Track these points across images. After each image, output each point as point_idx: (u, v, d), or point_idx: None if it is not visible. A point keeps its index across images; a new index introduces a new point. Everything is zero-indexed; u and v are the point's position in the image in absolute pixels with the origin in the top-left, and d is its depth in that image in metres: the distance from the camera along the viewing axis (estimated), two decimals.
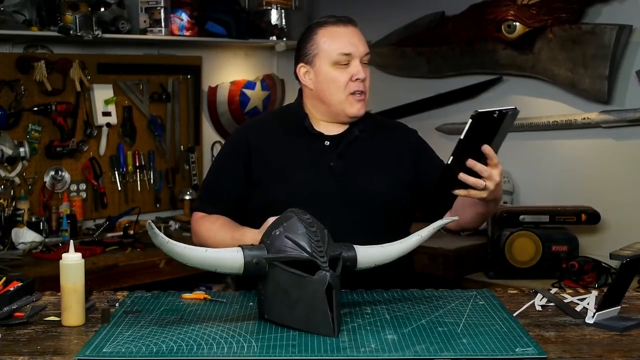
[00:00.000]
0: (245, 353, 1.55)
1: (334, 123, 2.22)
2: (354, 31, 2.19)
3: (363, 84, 2.16)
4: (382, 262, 1.87)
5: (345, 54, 2.15)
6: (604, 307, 1.75)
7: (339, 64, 2.15)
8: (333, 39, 2.17)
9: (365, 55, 2.17)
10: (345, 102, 2.16)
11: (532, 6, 3.66)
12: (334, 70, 2.15)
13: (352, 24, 2.21)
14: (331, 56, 2.15)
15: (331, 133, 2.21)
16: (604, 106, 3.59)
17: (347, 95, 2.15)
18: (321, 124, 2.22)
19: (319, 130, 2.21)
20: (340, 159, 2.17)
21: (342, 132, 2.22)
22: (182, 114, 4.31)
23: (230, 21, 4.18)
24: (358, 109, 2.17)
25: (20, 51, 3.71)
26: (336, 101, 2.17)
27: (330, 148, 2.19)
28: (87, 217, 3.90)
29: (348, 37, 2.17)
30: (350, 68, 2.15)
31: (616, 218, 3.58)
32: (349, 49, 2.15)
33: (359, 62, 2.15)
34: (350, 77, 2.15)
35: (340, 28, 2.19)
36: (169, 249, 1.70)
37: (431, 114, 4.27)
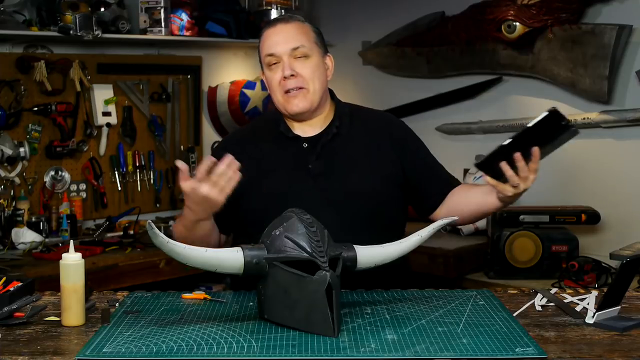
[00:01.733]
0: (245, 353, 1.55)
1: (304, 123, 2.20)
2: (280, 29, 2.18)
3: (295, 80, 2.13)
4: (383, 262, 1.87)
5: (269, 55, 2.16)
6: (604, 307, 1.75)
7: (270, 64, 2.17)
8: (263, 42, 2.20)
9: (293, 51, 2.13)
10: (284, 100, 2.16)
11: (532, 6, 3.66)
12: (268, 72, 2.18)
13: (282, 22, 2.20)
14: (264, 60, 2.19)
15: (308, 134, 2.19)
16: (604, 106, 3.59)
17: (282, 95, 2.15)
18: (296, 126, 2.21)
19: (295, 133, 2.19)
20: (319, 160, 2.15)
21: (319, 132, 2.20)
22: (182, 114, 4.31)
23: (230, 21, 4.18)
24: (296, 104, 2.14)
25: (20, 51, 3.71)
26: (278, 102, 2.18)
27: (308, 150, 2.17)
28: (87, 217, 3.90)
29: (272, 37, 2.17)
30: (279, 68, 2.15)
31: (616, 218, 3.58)
32: (272, 49, 2.16)
33: (288, 59, 2.13)
34: (280, 77, 2.14)
35: (270, 30, 2.20)
36: (169, 249, 1.70)
37: (431, 114, 4.27)
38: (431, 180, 2.27)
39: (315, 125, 2.20)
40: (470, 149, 4.08)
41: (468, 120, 4.10)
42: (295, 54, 2.14)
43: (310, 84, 2.15)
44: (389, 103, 4.42)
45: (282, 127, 2.19)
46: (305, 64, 2.15)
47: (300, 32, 2.18)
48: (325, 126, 2.20)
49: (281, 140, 2.19)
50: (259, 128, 2.28)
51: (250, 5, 4.47)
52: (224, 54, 4.52)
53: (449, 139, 4.20)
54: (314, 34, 2.20)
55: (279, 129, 2.19)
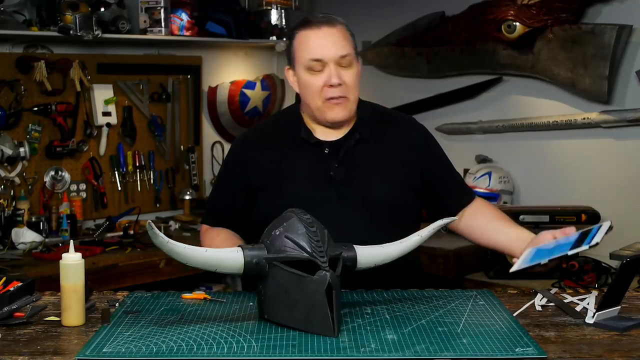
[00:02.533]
0: (245, 353, 1.55)
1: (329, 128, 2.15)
2: (327, 33, 2.07)
3: (340, 89, 2.06)
4: (382, 262, 1.87)
5: (315, 60, 2.06)
6: (604, 307, 1.75)
7: (312, 69, 2.07)
8: (304, 44, 2.08)
9: (342, 58, 2.06)
10: (323, 107, 2.09)
11: (532, 6, 3.66)
12: (309, 75, 2.08)
13: (327, 25, 2.08)
14: (304, 62, 2.08)
15: (330, 139, 2.14)
16: (604, 106, 3.59)
17: (324, 101, 2.08)
18: (319, 129, 2.15)
19: (317, 138, 2.14)
20: (340, 167, 2.11)
21: (341, 137, 2.15)
22: (182, 114, 4.31)
23: (230, 21, 4.18)
24: (336, 113, 2.09)
25: (20, 51, 3.71)
26: (314, 107, 2.10)
27: (329, 155, 2.13)
28: (87, 217, 3.90)
29: (319, 40, 2.07)
30: (323, 74, 2.06)
31: (616, 218, 3.57)
32: (319, 54, 2.06)
33: (335, 66, 2.05)
34: (324, 83, 2.06)
35: (313, 31, 2.08)
36: (169, 249, 1.70)
37: (431, 114, 4.27)
38: (449, 191, 2.24)
39: (337, 130, 2.15)
40: (470, 149, 4.08)
41: (468, 120, 4.10)
42: (342, 62, 2.07)
43: (351, 93, 2.09)
44: (389, 103, 4.40)
45: (304, 133, 2.14)
46: (349, 73, 2.08)
47: (345, 38, 2.09)
48: (347, 130, 2.16)
49: (302, 145, 2.14)
50: (280, 129, 2.20)
51: (250, 5, 4.47)
52: (224, 54, 4.52)
53: (449, 139, 4.20)
54: (353, 40, 2.12)
55: (301, 134, 2.14)
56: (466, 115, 4.12)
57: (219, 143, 4.52)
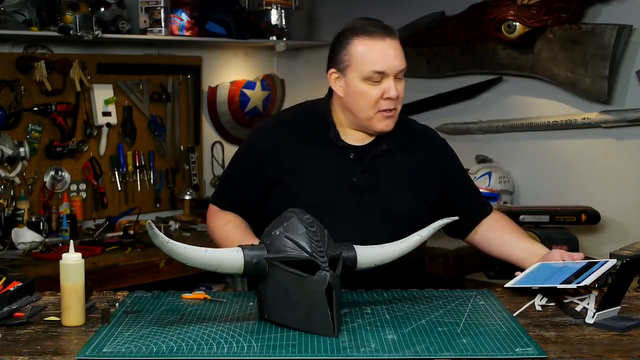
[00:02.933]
0: (245, 353, 1.55)
1: (360, 132, 2.14)
2: (390, 45, 2.05)
3: (396, 102, 2.06)
4: (382, 262, 1.87)
5: (378, 72, 2.03)
6: (604, 307, 1.75)
7: (371, 80, 2.04)
8: (367, 53, 2.04)
9: (401, 71, 2.06)
10: (374, 118, 2.07)
11: (532, 6, 3.66)
12: (365, 85, 2.05)
13: (390, 36, 2.06)
14: (363, 72, 2.04)
15: (357, 144, 2.14)
16: (604, 106, 3.59)
17: (376, 112, 2.07)
18: (348, 132, 2.14)
19: (344, 141, 2.13)
20: (363, 174, 2.11)
21: (367, 143, 2.14)
22: (182, 114, 4.31)
23: (230, 21, 4.18)
24: (386, 125, 2.09)
25: (20, 51, 3.71)
26: (364, 116, 2.08)
27: (354, 161, 2.12)
28: (87, 217, 3.90)
29: (383, 52, 2.04)
30: (382, 85, 2.04)
31: (616, 218, 3.58)
32: (383, 66, 2.03)
33: (393, 79, 2.04)
34: (381, 95, 2.04)
35: (377, 42, 2.04)
36: (169, 249, 1.70)
37: (431, 114, 4.27)
38: (467, 205, 2.25)
39: (365, 136, 2.15)
40: (470, 149, 4.08)
41: (468, 120, 4.10)
42: (399, 74, 2.07)
43: (400, 104, 2.10)
44: None
45: (332, 134, 2.13)
46: (402, 85, 2.09)
47: (402, 49, 2.09)
48: (373, 138, 2.15)
49: (329, 146, 2.12)
50: (307, 125, 2.17)
51: (250, 5, 4.47)
52: (224, 54, 4.52)
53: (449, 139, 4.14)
54: None
55: (329, 135, 2.12)
56: (466, 115, 4.12)
57: (219, 143, 4.52)
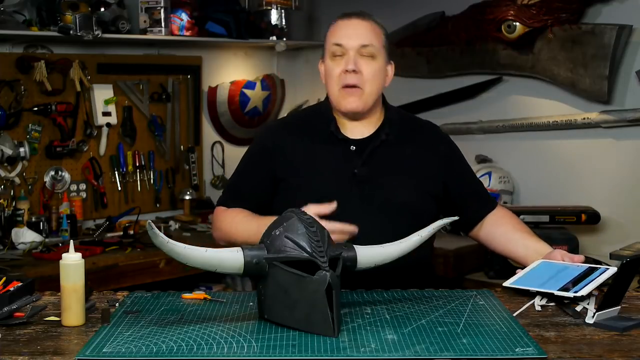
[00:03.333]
0: (245, 353, 1.55)
1: (356, 123, 2.18)
2: (356, 23, 2.16)
3: (357, 77, 2.12)
4: (382, 262, 1.87)
5: (336, 44, 2.13)
6: (604, 307, 1.75)
7: (334, 55, 2.14)
8: (333, 31, 2.17)
9: (362, 48, 2.13)
10: (339, 95, 2.14)
11: (532, 6, 3.66)
12: (331, 62, 2.15)
13: (358, 17, 2.18)
14: (329, 46, 2.16)
15: (357, 137, 2.18)
16: (604, 106, 3.59)
17: (339, 89, 2.13)
18: (347, 126, 2.19)
19: (345, 135, 2.18)
20: (365, 166, 2.14)
21: (368, 135, 2.18)
22: (182, 114, 4.31)
23: (230, 21, 4.18)
24: (349, 103, 2.14)
25: (20, 51, 3.71)
26: (332, 94, 2.16)
27: (355, 154, 2.16)
28: (87, 217, 3.90)
29: (345, 28, 2.15)
30: (343, 60, 2.13)
31: (616, 218, 3.58)
32: (341, 39, 2.13)
33: (353, 54, 2.12)
34: (342, 70, 2.13)
35: (343, 21, 2.17)
36: (169, 249, 1.70)
37: (431, 114, 4.27)
38: (472, 199, 2.28)
39: (364, 128, 2.19)
40: (470, 149, 4.08)
41: (468, 120, 4.10)
42: (363, 51, 2.13)
43: (368, 85, 2.13)
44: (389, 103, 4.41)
45: (333, 127, 2.18)
46: (369, 64, 2.14)
47: (373, 32, 2.17)
48: (374, 130, 2.19)
49: (330, 140, 2.18)
50: (310, 122, 2.24)
51: (250, 5, 4.47)
52: (224, 54, 4.52)
53: None
54: (384, 38, 2.19)
55: (330, 128, 2.18)
56: (466, 115, 4.12)
57: (219, 143, 4.52)
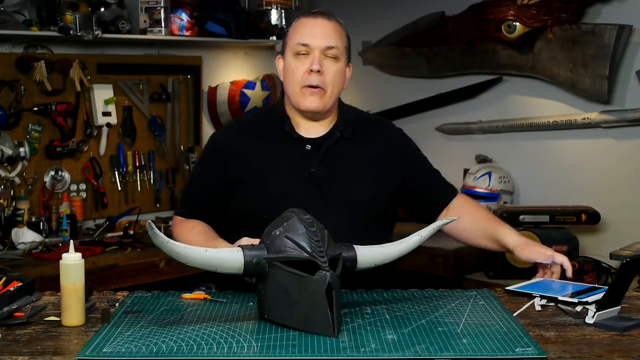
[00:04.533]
0: (245, 353, 1.55)
1: (311, 122, 2.18)
2: (320, 23, 2.14)
3: (319, 78, 2.11)
4: (383, 262, 1.87)
5: (302, 44, 2.11)
6: (604, 307, 1.75)
7: (298, 54, 2.12)
8: (297, 30, 2.15)
9: (328, 49, 2.12)
10: (299, 94, 2.13)
11: (532, 6, 3.66)
12: (294, 61, 2.13)
13: (322, 16, 2.16)
14: (292, 46, 2.14)
15: (312, 136, 2.17)
16: (604, 106, 3.59)
17: (301, 88, 2.12)
18: (302, 126, 2.18)
19: (299, 134, 2.17)
20: (321, 164, 2.13)
21: (323, 134, 2.18)
22: (182, 114, 4.31)
23: (230, 21, 4.18)
24: (310, 102, 2.12)
25: (20, 51, 3.71)
26: (292, 92, 2.14)
27: (311, 152, 2.15)
28: (87, 217, 3.90)
29: (310, 28, 2.14)
30: (308, 60, 2.11)
31: (616, 218, 3.58)
32: (307, 39, 2.11)
33: (319, 55, 2.11)
34: (306, 69, 2.11)
35: (309, 20, 2.16)
36: (169, 249, 1.70)
37: (431, 114, 4.27)
38: (431, 190, 2.29)
39: (319, 127, 2.19)
40: (470, 149, 4.08)
41: (468, 120, 4.10)
42: (327, 52, 2.13)
43: (330, 86, 2.13)
44: (389, 103, 4.42)
45: (287, 127, 2.17)
46: (333, 65, 2.13)
47: (338, 33, 2.16)
48: (328, 129, 2.19)
49: (285, 140, 2.17)
50: (264, 123, 2.24)
51: (250, 5, 4.47)
52: (224, 54, 4.52)
53: (449, 139, 4.20)
54: (346, 40, 2.19)
55: (284, 128, 2.17)
56: (466, 115, 4.12)
57: None
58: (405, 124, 4.43)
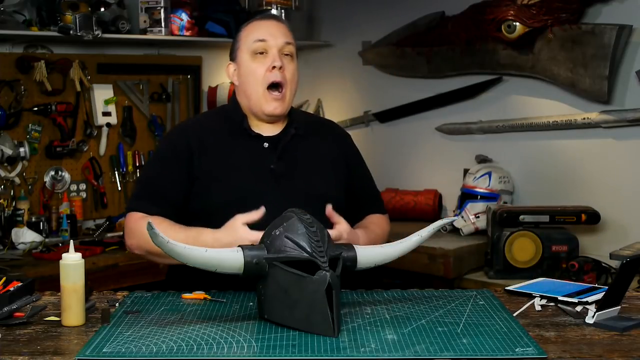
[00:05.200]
0: (245, 353, 1.55)
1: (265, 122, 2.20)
2: (274, 23, 2.19)
3: (282, 75, 2.13)
4: (382, 262, 1.88)
5: (259, 40, 2.14)
6: (604, 307, 1.75)
7: (256, 52, 2.14)
8: (251, 30, 2.19)
9: (285, 45, 2.15)
10: (262, 98, 2.14)
11: (532, 6, 3.66)
12: (252, 61, 2.15)
13: (274, 19, 2.22)
14: (248, 44, 2.16)
15: (269, 134, 2.20)
16: (604, 106, 3.59)
17: (264, 90, 2.13)
18: (257, 124, 2.21)
19: (257, 132, 2.19)
20: (280, 161, 2.16)
21: (279, 132, 2.21)
22: (182, 114, 4.31)
23: (230, 21, 4.18)
24: (274, 108, 2.15)
25: (20, 51, 3.71)
26: (255, 95, 2.15)
27: (269, 150, 2.17)
28: (87, 217, 3.90)
29: (265, 27, 2.17)
30: (267, 58, 2.14)
31: (616, 218, 3.58)
32: (264, 36, 2.15)
33: (277, 52, 2.14)
34: (267, 68, 2.13)
35: (261, 22, 2.20)
36: (169, 249, 1.70)
37: (431, 114, 4.27)
38: (362, 198, 2.32)
39: (274, 126, 2.22)
40: (470, 149, 4.08)
41: (468, 120, 4.10)
42: (285, 49, 2.16)
43: (289, 85, 2.17)
44: (389, 103, 4.42)
45: (245, 125, 2.19)
46: (290, 64, 2.17)
47: (290, 33, 2.21)
48: (283, 127, 2.22)
49: (243, 138, 2.19)
50: (223, 120, 2.24)
51: (250, 5, 4.47)
52: (224, 54, 4.47)
53: (449, 139, 4.20)
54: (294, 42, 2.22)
55: (242, 125, 2.19)
56: (466, 115, 4.12)
57: None
58: (405, 124, 4.47)
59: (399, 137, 4.41)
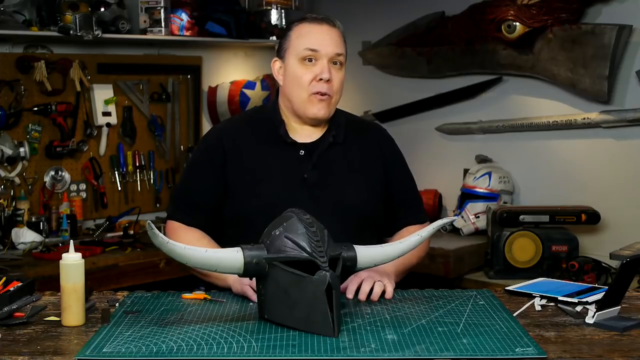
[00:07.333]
0: (245, 353, 1.55)
1: (305, 127, 2.16)
2: (327, 30, 2.13)
3: (328, 86, 2.10)
4: (382, 262, 1.87)
5: (310, 50, 2.09)
6: (604, 307, 1.75)
7: (305, 59, 2.10)
8: (303, 34, 2.12)
9: (336, 56, 2.11)
10: (307, 101, 2.11)
11: (532, 6, 3.66)
12: (300, 67, 2.11)
13: (328, 24, 2.15)
14: (298, 51, 2.11)
15: (305, 140, 2.16)
16: (604, 106, 3.59)
17: (309, 95, 2.10)
18: (296, 130, 2.17)
19: (293, 139, 2.15)
20: (315, 170, 2.13)
21: (316, 139, 2.17)
22: (182, 114, 4.31)
23: (230, 21, 4.18)
24: (318, 110, 2.11)
25: (20, 51, 3.71)
26: (298, 99, 2.12)
27: (304, 157, 2.14)
28: (87, 217, 3.90)
29: (318, 34, 2.12)
30: (315, 67, 2.09)
31: (616, 218, 3.58)
32: (315, 45, 2.10)
33: (327, 62, 2.10)
34: (314, 77, 2.09)
35: (314, 26, 2.13)
36: (169, 249, 1.70)
37: (431, 114, 4.27)
38: (400, 207, 2.26)
39: (313, 132, 2.18)
40: (470, 149, 4.08)
41: (468, 120, 4.10)
42: (335, 59, 2.12)
43: (335, 94, 2.13)
44: (389, 103, 4.42)
45: (282, 131, 2.15)
46: (339, 74, 2.13)
47: (342, 40, 2.16)
48: (322, 133, 2.18)
49: (278, 144, 2.15)
50: (258, 125, 2.21)
51: (250, 5, 4.47)
52: (224, 54, 4.52)
53: (449, 139, 4.20)
54: (346, 47, 2.18)
55: (278, 131, 2.15)
56: (466, 115, 4.13)
57: None
58: (405, 124, 4.47)
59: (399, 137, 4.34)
